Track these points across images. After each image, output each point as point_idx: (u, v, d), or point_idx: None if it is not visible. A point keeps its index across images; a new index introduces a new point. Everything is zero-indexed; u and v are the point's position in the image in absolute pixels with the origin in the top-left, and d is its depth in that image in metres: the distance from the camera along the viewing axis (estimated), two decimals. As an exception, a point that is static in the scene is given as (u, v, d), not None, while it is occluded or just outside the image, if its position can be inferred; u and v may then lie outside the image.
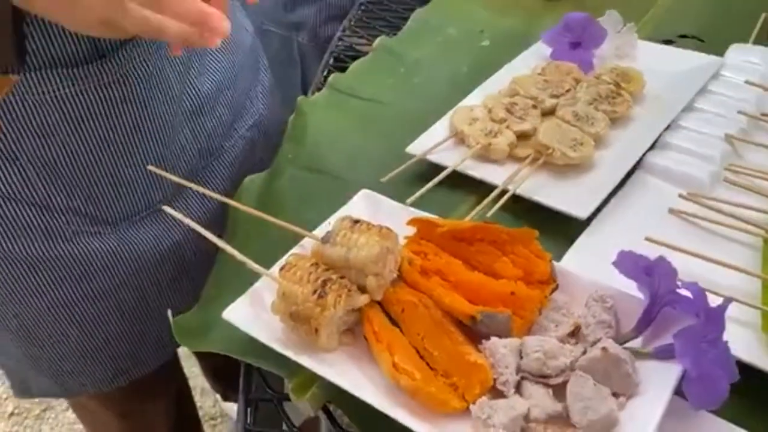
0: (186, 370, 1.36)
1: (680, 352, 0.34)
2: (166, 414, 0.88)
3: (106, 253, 0.58)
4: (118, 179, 0.56)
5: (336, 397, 0.40)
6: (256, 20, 1.04)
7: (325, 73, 0.76)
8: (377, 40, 0.75)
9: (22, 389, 0.69)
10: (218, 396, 1.44)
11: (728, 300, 0.37)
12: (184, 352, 1.01)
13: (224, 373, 1.18)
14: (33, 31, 0.46)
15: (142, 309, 0.64)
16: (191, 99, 0.60)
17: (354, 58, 0.75)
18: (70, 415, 1.47)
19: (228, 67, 0.64)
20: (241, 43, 0.67)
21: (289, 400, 0.42)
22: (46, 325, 0.60)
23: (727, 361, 0.36)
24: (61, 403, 1.49)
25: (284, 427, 0.45)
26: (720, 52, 0.66)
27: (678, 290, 0.37)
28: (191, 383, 1.40)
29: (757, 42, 0.69)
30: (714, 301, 0.37)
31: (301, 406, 0.42)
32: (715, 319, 0.36)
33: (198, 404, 1.47)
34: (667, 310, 0.38)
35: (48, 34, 0.46)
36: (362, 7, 0.88)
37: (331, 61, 0.79)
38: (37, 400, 1.50)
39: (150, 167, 0.52)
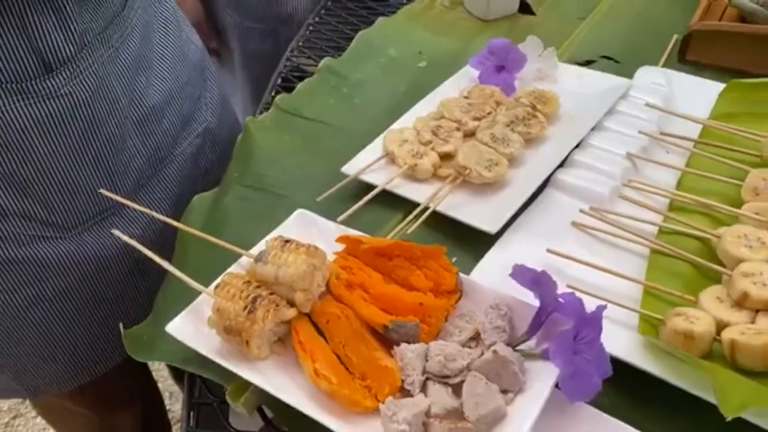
0: (155, 374, 1.40)
1: (553, 353, 0.40)
2: (134, 420, 0.92)
3: (60, 256, 0.61)
4: (71, 186, 0.59)
5: (267, 400, 0.45)
6: (237, 18, 1.07)
7: (272, 93, 0.81)
8: (322, 61, 0.80)
9: None
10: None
11: (602, 306, 0.42)
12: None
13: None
14: None
15: (99, 307, 0.67)
16: (139, 110, 0.63)
17: (301, 79, 0.79)
18: (40, 421, 1.49)
19: (174, 80, 0.68)
20: (187, 57, 0.72)
21: (227, 403, 0.47)
22: (3, 327, 0.63)
23: (600, 360, 0.41)
24: (31, 411, 1.51)
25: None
26: (634, 72, 0.72)
27: (560, 299, 0.42)
28: (160, 386, 1.44)
29: (668, 63, 0.75)
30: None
31: (239, 410, 0.46)
32: (592, 323, 0.42)
33: (168, 407, 1.51)
34: (556, 315, 0.44)
35: None
36: (310, 28, 0.93)
37: (279, 81, 0.83)
38: (6, 408, 1.52)
39: (102, 191, 0.57)
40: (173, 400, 1.52)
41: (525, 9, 0.89)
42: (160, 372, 1.58)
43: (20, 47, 0.51)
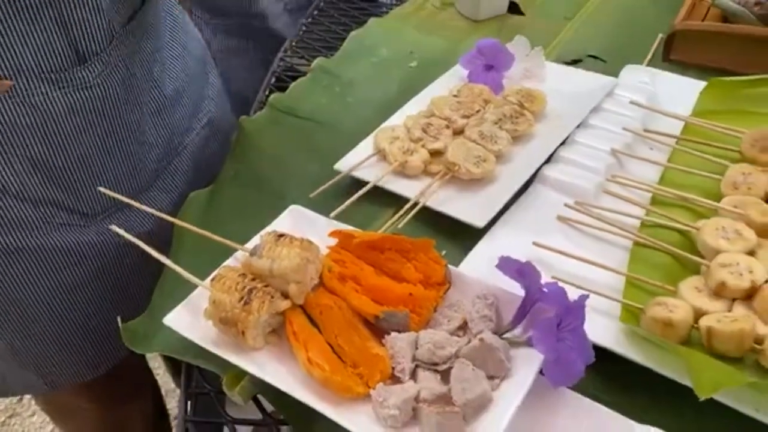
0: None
1: (537, 340, 0.41)
2: (142, 414, 0.93)
3: (84, 244, 0.64)
4: (97, 174, 0.62)
5: (263, 388, 0.47)
6: (205, 16, 1.08)
7: (266, 93, 0.82)
8: (315, 61, 0.82)
9: (1, 389, 0.73)
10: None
11: (585, 296, 0.44)
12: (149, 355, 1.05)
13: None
14: (18, 39, 0.51)
15: (119, 295, 0.69)
16: (155, 101, 0.66)
17: (294, 78, 0.81)
18: (36, 420, 1.50)
19: (182, 72, 0.71)
20: (191, 50, 0.74)
21: (223, 393, 0.48)
22: (28, 316, 0.64)
23: (583, 347, 0.43)
24: (27, 410, 1.52)
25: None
26: (620, 71, 0.74)
27: (544, 288, 0.44)
28: (155, 383, 1.45)
29: (652, 62, 0.77)
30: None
31: (235, 398, 0.48)
32: (575, 311, 0.43)
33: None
34: (540, 305, 0.45)
35: (33, 42, 0.52)
36: (303, 28, 0.94)
37: (273, 80, 0.85)
38: (2, 407, 1.53)
39: (102, 188, 0.58)
40: (168, 397, 1.53)
41: (514, 9, 0.91)
42: (155, 369, 1.59)
43: (57, 38, 0.54)
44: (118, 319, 0.54)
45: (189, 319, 0.48)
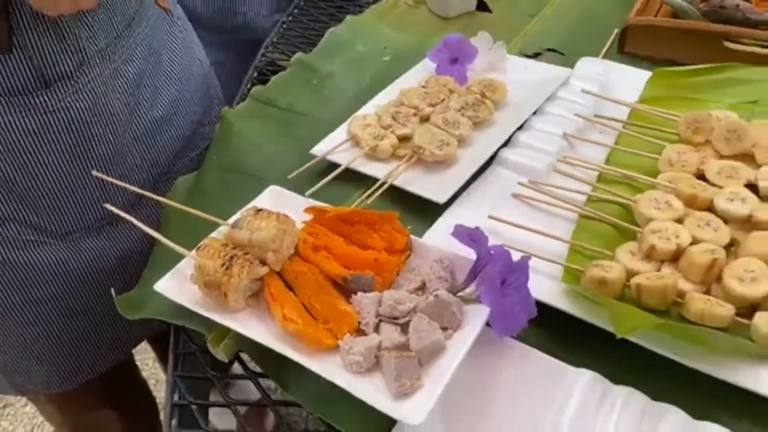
0: (139, 363, 1.45)
1: (482, 294, 0.47)
2: (120, 423, 0.93)
3: (54, 262, 0.64)
4: (65, 195, 0.62)
5: (244, 345, 0.52)
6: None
7: (248, 86, 0.87)
8: (295, 56, 0.87)
9: None
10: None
11: (527, 257, 0.50)
12: (139, 347, 1.07)
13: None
14: None
15: (89, 316, 0.70)
16: (139, 125, 0.66)
17: (274, 72, 0.86)
18: (29, 410, 1.54)
19: (177, 97, 0.72)
20: (192, 75, 0.76)
21: (208, 351, 0.53)
22: None
23: (526, 302, 0.49)
24: (20, 400, 1.56)
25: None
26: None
27: (491, 251, 0.50)
28: (145, 374, 1.50)
29: (608, 55, 0.83)
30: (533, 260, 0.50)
31: (219, 356, 0.53)
32: (518, 270, 0.49)
33: (154, 394, 1.56)
34: (490, 266, 0.51)
35: None
36: (284, 26, 0.99)
37: (255, 74, 0.90)
38: (-4, 397, 1.57)
39: (95, 173, 0.61)
40: (159, 386, 1.58)
41: (482, 7, 0.96)
42: (144, 361, 1.63)
43: (18, 62, 0.54)
44: (112, 291, 0.59)
45: (177, 286, 0.54)
